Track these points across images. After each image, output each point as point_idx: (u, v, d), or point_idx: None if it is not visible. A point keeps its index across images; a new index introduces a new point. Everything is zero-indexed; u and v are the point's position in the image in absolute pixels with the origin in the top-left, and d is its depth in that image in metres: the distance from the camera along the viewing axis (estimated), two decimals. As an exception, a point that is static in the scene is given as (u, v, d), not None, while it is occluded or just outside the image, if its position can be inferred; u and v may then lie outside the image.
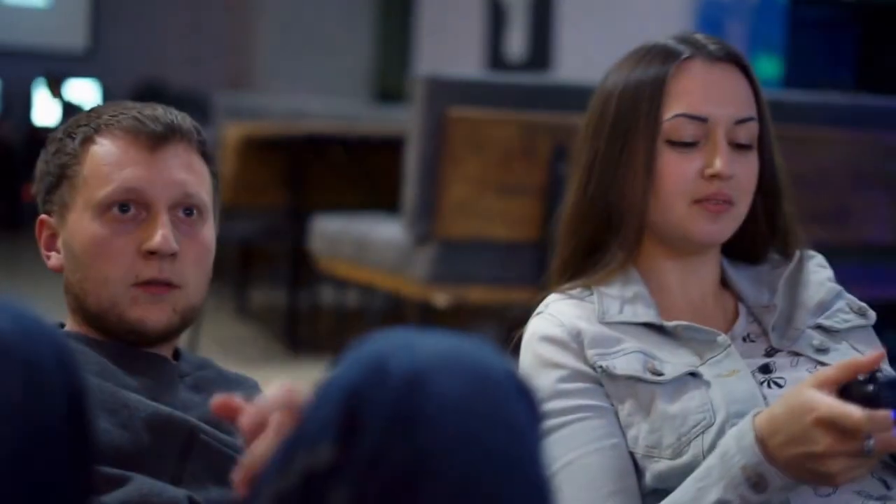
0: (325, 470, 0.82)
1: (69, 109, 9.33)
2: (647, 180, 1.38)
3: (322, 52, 10.02)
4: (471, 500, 0.80)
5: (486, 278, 3.15)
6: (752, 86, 1.42)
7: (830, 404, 1.13)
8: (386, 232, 3.42)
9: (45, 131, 1.51)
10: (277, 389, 0.95)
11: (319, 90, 8.99)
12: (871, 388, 1.13)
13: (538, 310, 1.44)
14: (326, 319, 5.34)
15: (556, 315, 1.40)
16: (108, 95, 9.44)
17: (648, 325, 1.39)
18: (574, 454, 1.32)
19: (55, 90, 9.65)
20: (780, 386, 1.33)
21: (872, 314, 1.45)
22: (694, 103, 1.38)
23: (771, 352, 1.40)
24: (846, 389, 1.15)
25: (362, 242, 3.55)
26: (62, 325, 1.38)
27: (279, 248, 5.54)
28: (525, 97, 3.11)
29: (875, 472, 1.31)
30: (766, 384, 1.34)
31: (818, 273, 1.48)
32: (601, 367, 1.34)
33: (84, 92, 9.90)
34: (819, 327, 1.42)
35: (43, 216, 1.39)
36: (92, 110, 1.39)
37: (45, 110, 9.70)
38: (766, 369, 1.37)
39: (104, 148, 1.34)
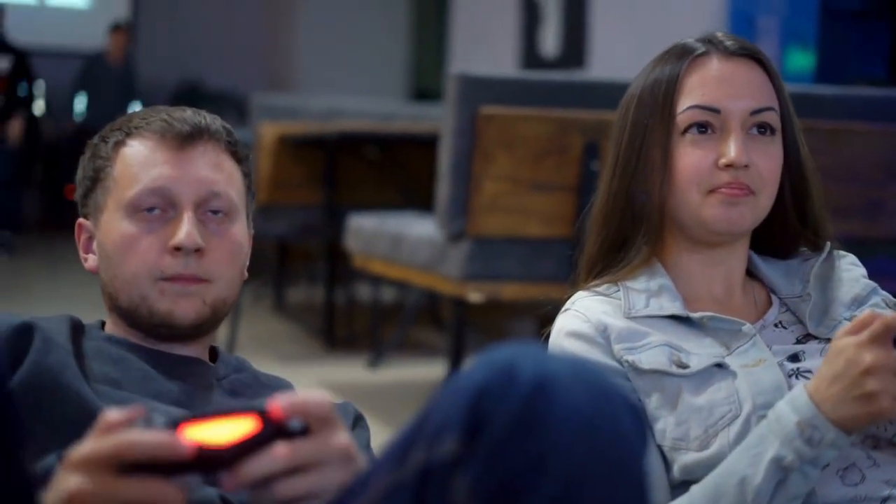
0: (447, 462, 0.87)
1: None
2: (664, 173, 1.41)
3: (358, 51, 10.07)
4: (583, 501, 0.85)
5: (520, 275, 3.16)
6: (772, 79, 1.44)
7: (868, 330, 1.19)
8: (420, 229, 3.44)
9: (88, 131, 1.55)
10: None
11: (356, 89, 9.03)
12: None
13: (565, 307, 1.46)
14: (362, 316, 5.37)
15: (583, 311, 1.42)
16: (147, 96, 9.52)
17: (675, 318, 1.40)
18: None
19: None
20: (807, 378, 1.35)
21: None
22: (707, 95, 1.40)
23: (803, 339, 1.41)
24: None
25: (397, 240, 3.57)
26: (103, 325, 1.42)
27: (315, 246, 5.58)
28: (557, 95, 3.12)
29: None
30: (793, 376, 1.35)
31: (851, 271, 1.49)
32: (628, 361, 1.36)
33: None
34: None
35: (81, 220, 1.43)
36: (126, 116, 1.43)
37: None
38: (795, 358, 1.38)
39: (134, 149, 1.37)
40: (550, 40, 6.93)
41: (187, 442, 0.87)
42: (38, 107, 9.44)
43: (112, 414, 0.88)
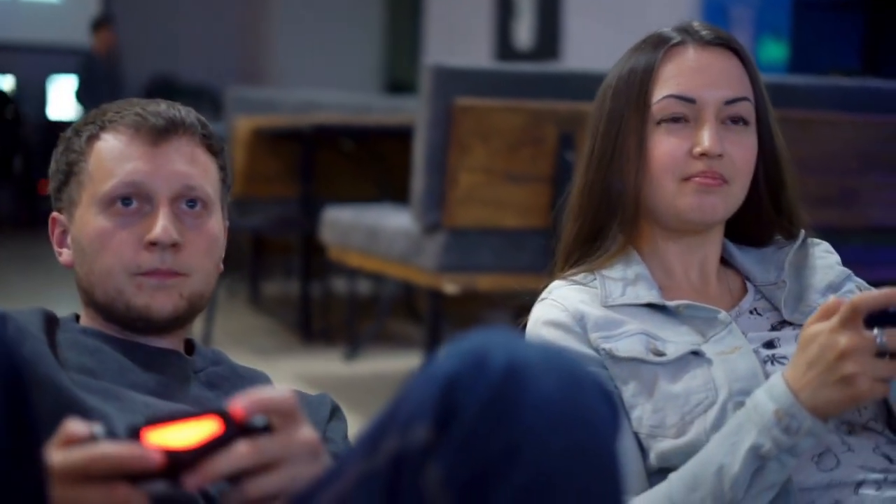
0: (418, 451, 0.87)
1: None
2: (639, 162, 1.41)
3: (333, 44, 10.05)
4: (555, 489, 0.85)
5: (495, 266, 3.17)
6: (748, 69, 1.44)
7: (838, 314, 1.20)
8: (396, 221, 3.44)
9: (61, 126, 1.54)
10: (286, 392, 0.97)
11: (331, 83, 9.02)
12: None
13: (542, 296, 1.46)
14: (338, 309, 5.36)
15: (560, 300, 1.42)
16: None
17: (651, 306, 1.41)
18: None
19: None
20: (782, 364, 1.35)
21: None
22: (682, 85, 1.40)
23: (778, 326, 1.42)
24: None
25: (373, 232, 3.57)
26: (77, 318, 1.41)
27: (291, 240, 5.57)
28: (531, 86, 3.13)
29: (878, 447, 1.33)
30: (769, 362, 1.36)
31: (825, 258, 1.50)
32: (604, 349, 1.37)
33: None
34: None
35: (54, 214, 1.42)
36: (99, 109, 1.42)
37: (60, 105, 9.73)
38: (770, 344, 1.39)
39: (108, 144, 1.36)
40: (524, 32, 6.93)
41: (153, 448, 0.88)
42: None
43: (74, 425, 0.89)
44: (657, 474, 1.32)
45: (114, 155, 1.35)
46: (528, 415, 0.85)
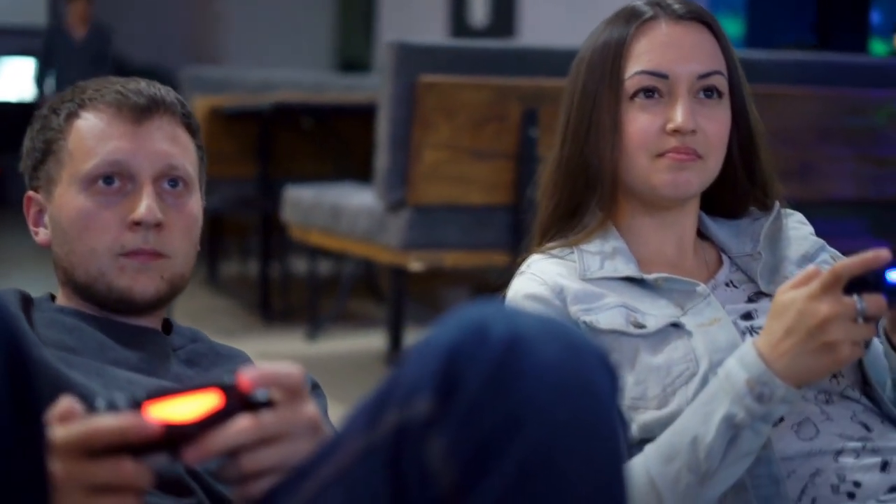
0: (420, 423, 0.86)
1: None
2: (613, 138, 1.41)
3: (285, 23, 9.99)
4: (556, 457, 0.85)
5: (460, 243, 3.17)
6: (720, 41, 1.45)
7: (818, 281, 1.20)
8: (359, 200, 3.44)
9: (10, 108, 1.52)
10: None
11: (283, 62, 8.96)
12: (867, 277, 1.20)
13: (520, 269, 1.46)
14: (297, 289, 5.35)
15: (539, 274, 1.43)
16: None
17: (629, 279, 1.41)
18: None
19: None
20: (760, 335, 1.37)
21: None
22: (654, 60, 1.40)
23: (754, 297, 1.43)
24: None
25: (336, 211, 3.57)
26: (52, 297, 1.40)
27: (248, 220, 5.54)
28: (495, 62, 3.13)
29: (856, 415, 1.35)
30: (747, 334, 1.37)
31: (799, 229, 1.52)
32: (585, 322, 1.37)
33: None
34: None
35: (30, 192, 1.40)
36: (76, 86, 1.41)
37: (9, 87, 9.59)
38: (747, 316, 1.40)
39: (88, 122, 1.35)
40: (479, 9, 6.92)
41: (153, 420, 0.87)
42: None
43: (68, 401, 0.88)
44: (638, 446, 1.33)
45: (94, 133, 1.34)
46: (530, 384, 0.85)
